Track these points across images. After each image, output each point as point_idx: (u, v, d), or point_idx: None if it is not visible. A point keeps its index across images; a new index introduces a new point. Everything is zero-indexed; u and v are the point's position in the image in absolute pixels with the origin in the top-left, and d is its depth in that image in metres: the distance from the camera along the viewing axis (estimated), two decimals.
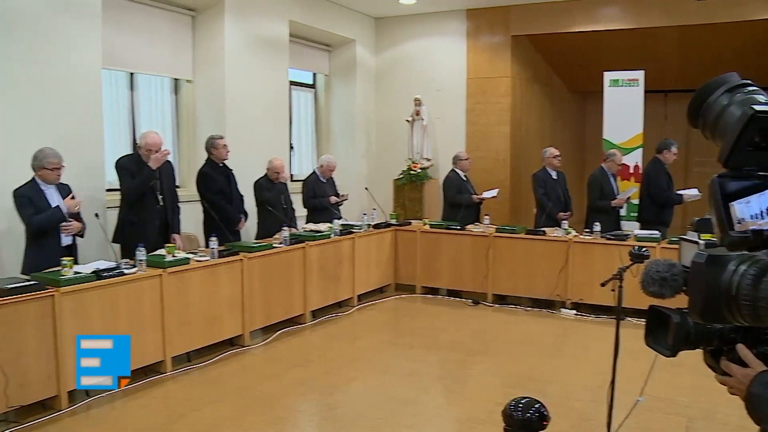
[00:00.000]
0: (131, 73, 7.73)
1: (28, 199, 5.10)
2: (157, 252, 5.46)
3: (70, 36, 6.30)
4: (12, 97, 5.85)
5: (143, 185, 5.82)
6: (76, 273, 4.73)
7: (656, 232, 7.18)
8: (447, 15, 10.62)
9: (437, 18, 10.68)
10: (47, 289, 4.48)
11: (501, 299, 7.73)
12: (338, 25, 10.30)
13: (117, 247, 5.82)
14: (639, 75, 9.33)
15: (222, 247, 5.87)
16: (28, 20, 5.96)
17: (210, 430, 4.38)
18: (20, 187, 5.15)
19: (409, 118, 10.58)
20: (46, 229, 5.15)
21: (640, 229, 7.67)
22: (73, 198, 5.26)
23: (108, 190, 6.66)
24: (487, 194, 8.35)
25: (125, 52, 7.43)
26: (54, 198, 5.25)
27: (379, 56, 11.25)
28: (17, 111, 5.89)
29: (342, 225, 7.56)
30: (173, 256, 5.38)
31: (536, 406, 2.62)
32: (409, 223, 8.50)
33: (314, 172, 8.14)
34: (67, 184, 5.37)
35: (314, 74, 10.92)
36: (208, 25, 8.25)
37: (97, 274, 4.80)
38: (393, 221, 8.43)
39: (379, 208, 8.68)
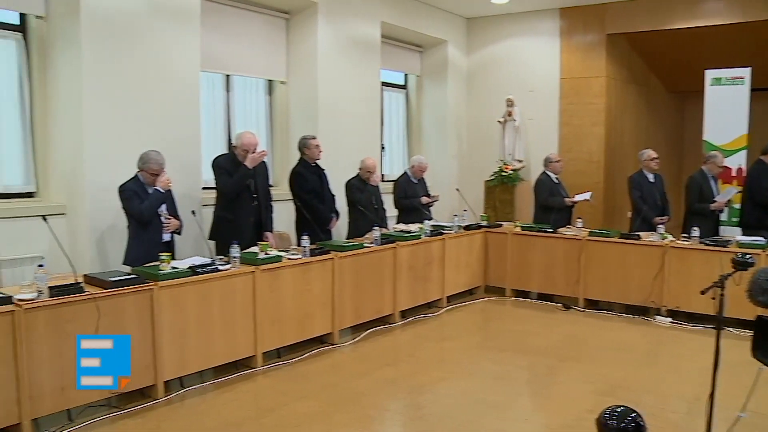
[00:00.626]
0: (227, 75, 7.95)
1: (133, 192, 5.39)
2: (251, 249, 5.57)
3: (171, 40, 6.54)
4: (118, 99, 6.12)
5: (239, 184, 5.96)
6: (174, 268, 4.88)
7: (761, 238, 6.82)
8: (540, 14, 10.44)
9: (530, 17, 10.52)
10: (147, 282, 4.65)
11: (593, 304, 7.52)
12: (430, 26, 10.28)
13: (212, 243, 5.99)
14: (745, 72, 8.88)
15: (314, 246, 5.93)
16: (132, 25, 6.22)
17: (298, 425, 4.43)
18: (125, 182, 5.42)
19: (501, 119, 10.45)
20: (151, 216, 5.40)
21: (742, 234, 7.32)
22: (165, 179, 5.51)
23: (204, 188, 6.86)
24: (579, 197, 8.16)
25: (222, 55, 7.64)
26: (152, 197, 5.50)
27: (471, 56, 11.16)
28: (123, 112, 6.15)
29: (432, 226, 7.53)
30: (266, 254, 5.47)
31: (632, 415, 2.53)
32: (500, 225, 8.38)
33: (405, 173, 8.14)
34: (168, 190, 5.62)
35: (406, 75, 10.94)
36: (302, 28, 8.39)
37: (193, 270, 4.95)
38: (484, 223, 8.33)
39: (470, 209, 8.60)
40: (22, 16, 6.18)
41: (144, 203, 5.37)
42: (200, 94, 6.99)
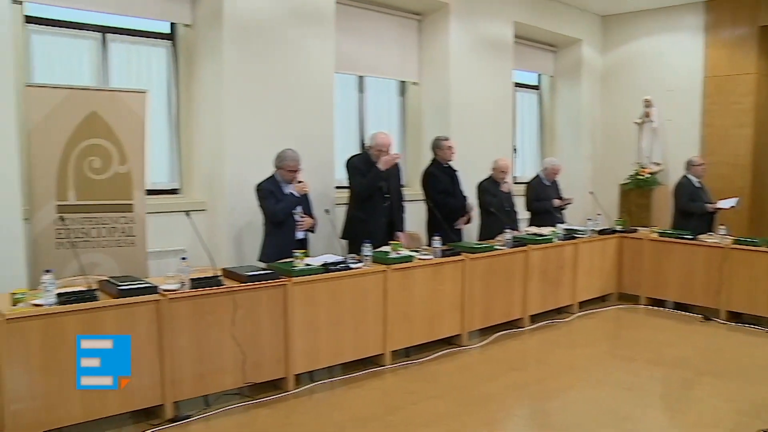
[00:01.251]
0: (360, 77, 8.09)
1: (269, 192, 5.58)
2: (383, 248, 5.63)
3: (307, 43, 6.73)
4: (256, 101, 6.37)
5: (371, 185, 6.04)
6: (307, 265, 5.00)
7: None
8: (681, 9, 9.96)
9: (670, 13, 10.05)
10: (281, 278, 4.79)
11: (736, 317, 7.05)
12: (564, 25, 10.04)
13: (344, 243, 6.11)
14: None
15: (445, 247, 5.92)
16: (270, 30, 6.47)
17: (426, 424, 4.42)
18: (262, 181, 5.63)
19: (638, 120, 10.07)
20: (285, 217, 5.58)
21: None
22: (300, 182, 5.67)
23: (337, 188, 7.00)
24: (724, 203, 7.70)
25: (355, 57, 7.78)
26: (290, 196, 5.67)
27: (607, 55, 10.81)
28: (260, 113, 6.40)
29: (565, 229, 7.34)
30: (397, 253, 5.51)
31: None
32: (636, 231, 8.05)
33: (538, 175, 7.99)
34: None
35: (539, 75, 10.74)
36: (434, 29, 8.40)
37: (326, 267, 5.05)
38: (618, 228, 8.04)
39: (604, 213, 8.33)
40: (172, 25, 6.57)
41: (279, 205, 5.55)
42: (334, 96, 7.14)
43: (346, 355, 5.22)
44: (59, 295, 3.94)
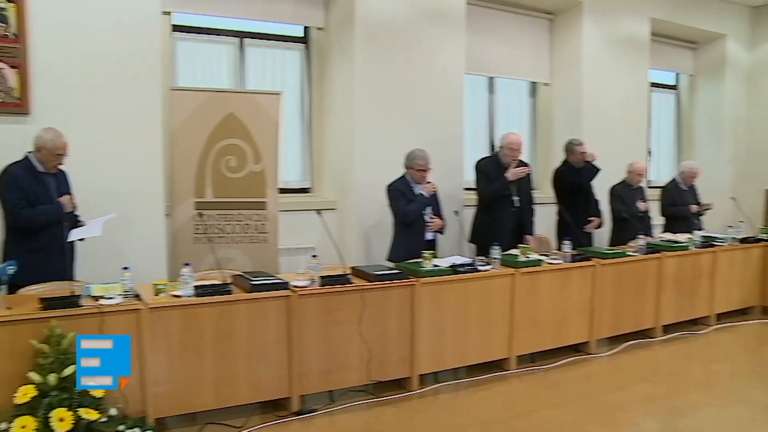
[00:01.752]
0: (491, 78, 8.01)
1: (400, 192, 5.61)
2: (511, 252, 5.55)
3: (437, 44, 6.73)
4: (386, 101, 6.44)
5: (497, 192, 5.94)
6: (435, 266, 4.99)
7: None
8: None
9: None
10: (409, 278, 4.80)
11: None
12: (706, 20, 9.50)
13: (472, 245, 6.06)
14: None
15: (575, 252, 5.76)
16: (401, 32, 6.53)
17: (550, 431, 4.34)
18: (393, 182, 5.67)
19: None
20: (415, 218, 5.60)
21: None
22: (428, 183, 5.67)
23: (466, 189, 6.96)
24: None
25: (486, 58, 7.71)
26: (422, 197, 5.68)
27: (755, 51, 10.12)
28: (390, 114, 6.46)
29: (703, 236, 6.96)
30: (526, 257, 5.41)
31: None
32: None
33: (674, 179, 7.63)
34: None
35: (677, 74, 10.25)
36: (566, 28, 8.20)
37: (454, 269, 5.03)
38: (763, 236, 7.54)
39: (747, 220, 7.84)
40: (306, 29, 6.77)
41: (410, 205, 5.58)
42: (464, 97, 7.11)
43: (472, 358, 5.17)
44: (196, 287, 4.12)
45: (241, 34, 6.48)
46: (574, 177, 6.57)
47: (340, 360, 4.54)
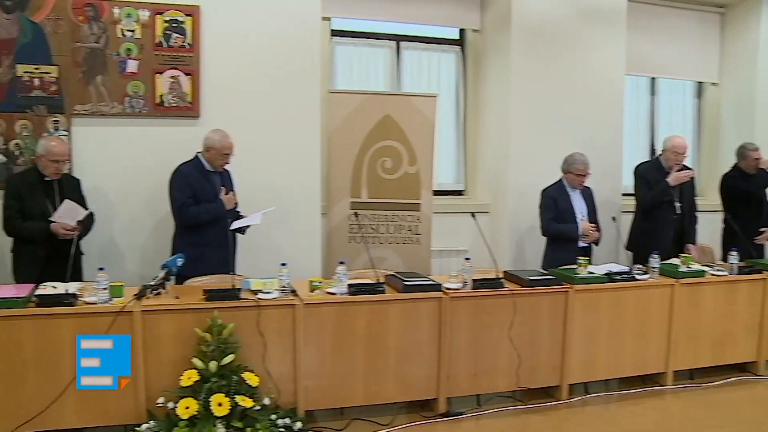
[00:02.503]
0: (653, 78, 7.68)
1: (552, 200, 5.47)
2: (671, 261, 5.29)
3: (596, 44, 6.54)
4: (542, 103, 6.34)
5: (657, 199, 5.69)
6: (590, 273, 4.85)
7: None
8: None
9: None
10: (563, 284, 4.70)
11: None
12: None
13: (629, 253, 5.83)
14: None
15: (742, 264, 5.39)
16: (558, 32, 6.39)
17: None
18: (548, 187, 5.56)
19: None
20: (561, 235, 5.46)
21: None
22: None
23: (624, 195, 6.70)
24: None
25: (648, 57, 7.37)
26: (577, 203, 5.53)
27: None
28: (546, 116, 6.35)
29: None
30: (688, 267, 5.14)
31: None
32: None
33: None
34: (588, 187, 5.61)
35: None
36: (741, 22, 7.67)
37: (610, 277, 4.86)
38: None
39: None
40: (461, 31, 6.79)
41: (559, 225, 5.43)
42: (624, 98, 6.85)
43: (625, 370, 4.97)
44: (350, 285, 4.23)
45: (398, 38, 6.59)
46: (744, 184, 6.15)
47: (488, 364, 4.51)
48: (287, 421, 3.87)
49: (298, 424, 3.89)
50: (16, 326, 3.69)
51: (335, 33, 6.34)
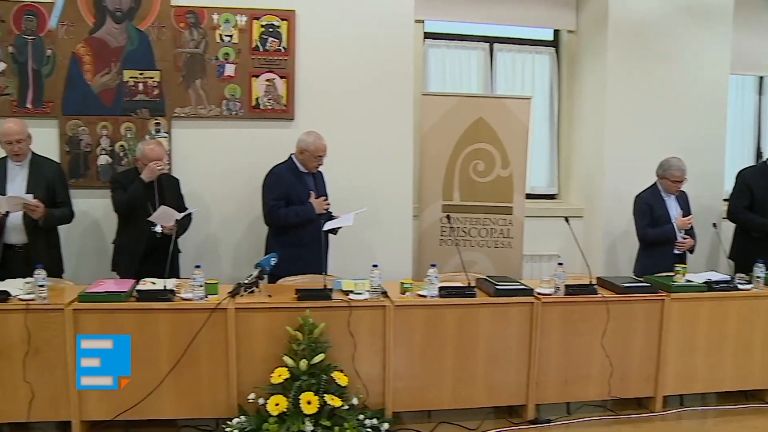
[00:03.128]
0: (760, 77, 7.34)
1: (648, 206, 5.32)
2: None
3: (699, 41, 6.30)
4: (640, 105, 6.17)
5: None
6: (688, 281, 4.69)
7: None
8: None
9: None
10: (659, 292, 4.56)
11: None
12: None
13: (731, 262, 5.62)
14: None
15: None
16: (658, 31, 6.20)
17: None
18: (642, 192, 5.42)
19: None
20: (659, 239, 5.30)
21: None
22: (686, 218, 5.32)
23: (725, 200, 6.44)
24: None
25: (755, 55, 7.04)
26: (673, 208, 5.36)
27: None
28: (644, 118, 6.18)
29: None
30: None
31: None
32: None
33: None
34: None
35: None
36: None
37: (709, 285, 4.68)
38: None
39: None
40: (556, 32, 6.69)
41: (653, 230, 5.28)
42: (728, 99, 6.57)
43: (725, 384, 4.75)
44: (441, 288, 4.24)
45: (491, 39, 6.55)
46: None
47: (579, 372, 4.43)
48: (375, 421, 3.92)
49: (386, 425, 3.94)
50: (118, 319, 3.89)
51: (428, 35, 6.37)
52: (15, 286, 3.97)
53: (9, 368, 3.83)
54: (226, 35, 5.36)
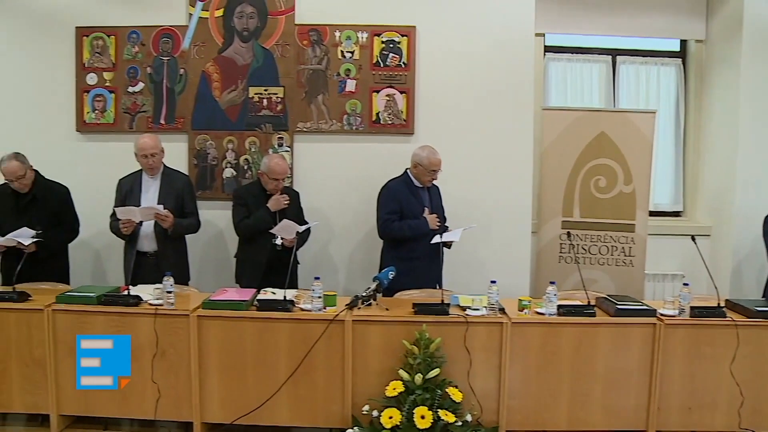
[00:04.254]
0: None
1: None
2: None
3: None
4: None
5: None
6: None
7: None
8: None
9: None
10: None
11: None
12: None
13: None
14: None
15: None
16: None
17: None
18: None
19: None
20: None
21: None
22: None
23: None
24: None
25: None
26: None
27: None
28: None
29: None
30: None
31: None
32: None
33: None
34: None
35: None
36: None
37: None
38: None
39: None
40: (682, 42, 6.44)
41: None
42: None
43: None
44: (560, 306, 4.15)
45: (614, 52, 6.40)
46: None
47: (705, 399, 4.20)
48: None
49: None
50: (239, 326, 4.06)
51: (548, 49, 6.30)
52: (145, 292, 4.22)
53: (139, 368, 4.06)
54: (348, 51, 5.50)
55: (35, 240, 4.52)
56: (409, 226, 4.81)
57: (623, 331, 4.14)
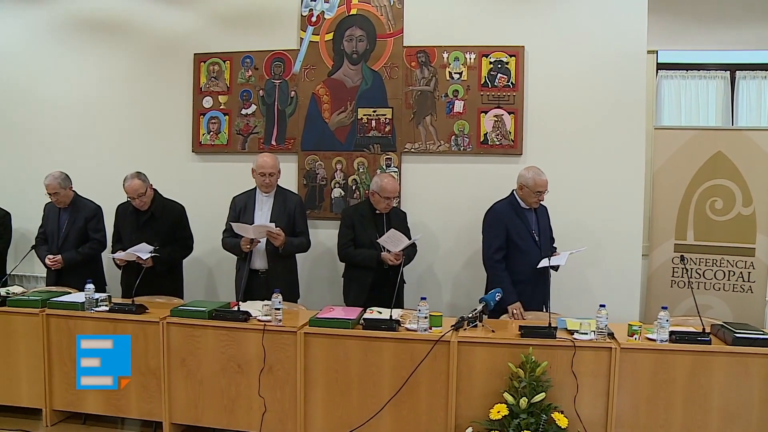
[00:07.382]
0: None
1: None
2: None
3: None
4: None
5: None
6: None
7: None
8: None
9: None
10: None
11: None
12: None
13: None
14: None
15: None
16: None
17: None
18: None
19: None
20: None
21: None
22: None
23: None
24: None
25: None
26: None
27: None
28: None
29: None
30: None
31: None
32: None
33: None
34: None
35: None
36: None
37: None
38: None
39: None
40: None
41: None
42: None
43: None
44: (672, 333, 3.98)
45: (732, 67, 6.13)
46: None
47: None
48: None
49: None
50: (345, 344, 4.10)
51: (661, 66, 6.10)
52: (255, 308, 4.36)
53: (247, 382, 4.19)
54: (456, 72, 5.52)
55: (152, 255, 4.76)
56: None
57: (742, 361, 3.91)
